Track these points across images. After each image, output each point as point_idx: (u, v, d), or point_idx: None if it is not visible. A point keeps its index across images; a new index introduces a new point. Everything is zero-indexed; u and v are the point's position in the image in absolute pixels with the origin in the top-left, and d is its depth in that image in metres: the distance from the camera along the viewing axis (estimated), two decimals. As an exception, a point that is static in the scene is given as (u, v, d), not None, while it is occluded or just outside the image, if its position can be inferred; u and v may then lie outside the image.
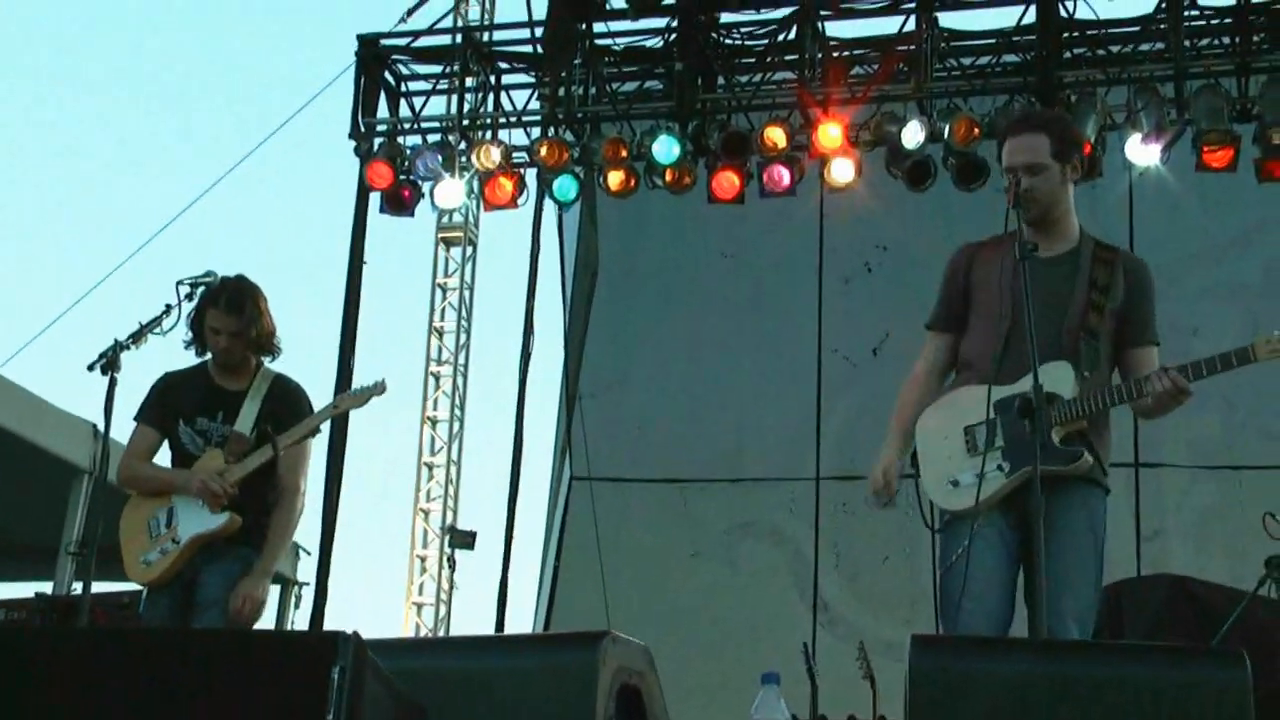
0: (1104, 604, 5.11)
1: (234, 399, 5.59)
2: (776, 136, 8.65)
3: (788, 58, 8.97)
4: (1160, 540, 9.37)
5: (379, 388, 5.78)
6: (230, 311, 5.50)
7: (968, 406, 4.36)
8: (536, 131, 9.28)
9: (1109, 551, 4.40)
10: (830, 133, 8.55)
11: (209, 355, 5.66)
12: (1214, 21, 8.40)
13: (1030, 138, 4.46)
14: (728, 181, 8.84)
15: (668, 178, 8.96)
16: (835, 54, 8.90)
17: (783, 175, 8.72)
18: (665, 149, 8.77)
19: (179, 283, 5.31)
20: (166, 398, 5.66)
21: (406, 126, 9.45)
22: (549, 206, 9.84)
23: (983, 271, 4.53)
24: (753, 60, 9.15)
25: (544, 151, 9.01)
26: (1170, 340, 4.58)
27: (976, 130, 8.30)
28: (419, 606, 15.45)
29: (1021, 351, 4.14)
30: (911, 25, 8.65)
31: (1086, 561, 4.25)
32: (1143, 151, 8.06)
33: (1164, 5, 8.36)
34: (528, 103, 9.50)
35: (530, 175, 9.25)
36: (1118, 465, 4.72)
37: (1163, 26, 8.38)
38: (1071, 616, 4.13)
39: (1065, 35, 8.59)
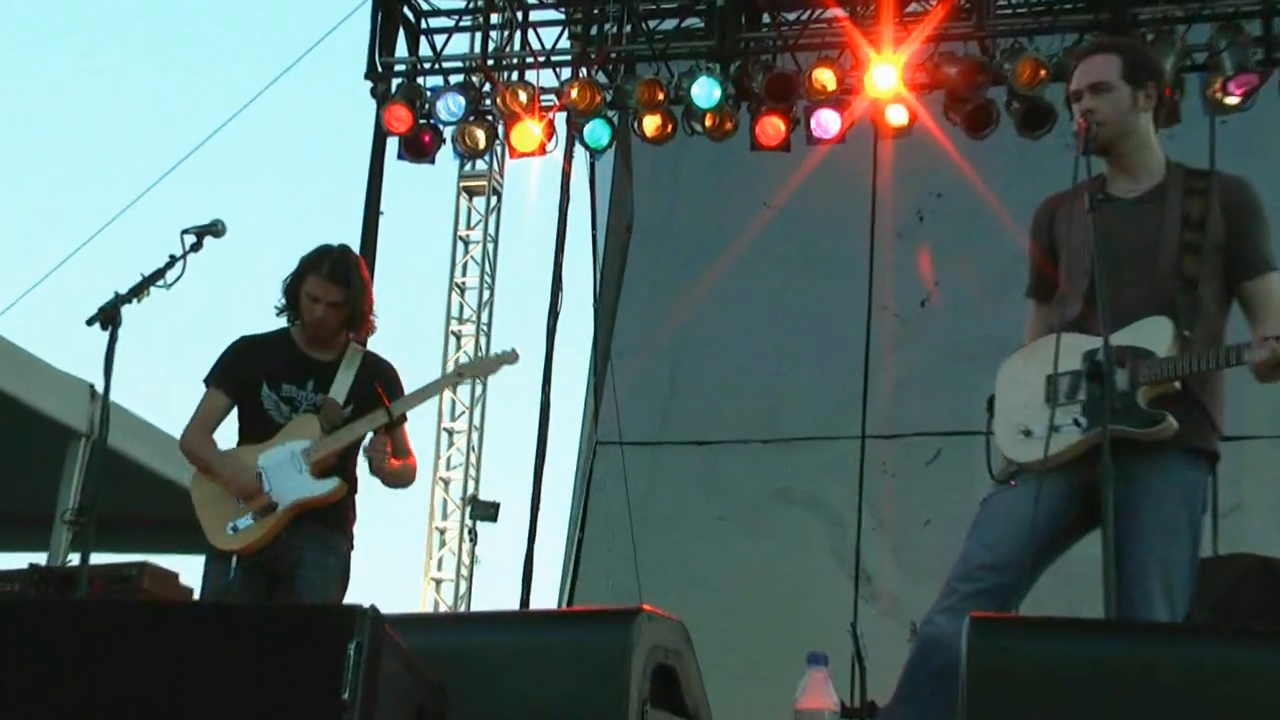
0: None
1: (324, 369, 5.66)
2: (825, 79, 8.60)
3: (837, -7, 8.92)
4: (1237, 515, 9.29)
5: (511, 356, 5.89)
6: (335, 281, 5.57)
7: (1057, 354, 4.12)
8: (566, 72, 9.26)
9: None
10: (883, 75, 8.49)
11: (293, 323, 5.72)
12: (1305, -49, 8.30)
13: (1099, 58, 4.33)
14: (772, 127, 8.79)
15: (707, 123, 8.92)
16: (889, -12, 8.84)
17: (831, 121, 8.67)
18: (705, 92, 8.72)
19: (184, 232, 5.27)
20: (245, 361, 5.70)
21: (427, 66, 9.44)
22: (579, 153, 9.82)
23: (1065, 227, 4.35)
24: (800, -5, 9.10)
25: (575, 94, 8.97)
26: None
27: (1043, 72, 8.22)
28: (438, 582, 15.43)
29: (1117, 303, 3.98)
30: (974, -43, 8.59)
31: (1178, 536, 4.07)
32: None
33: (1251, -66, 8.26)
34: (557, 41, 9.51)
35: (560, 120, 9.24)
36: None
37: (1249, -44, 8.28)
38: (1160, 595, 3.97)
39: (1141, -33, 8.51)
